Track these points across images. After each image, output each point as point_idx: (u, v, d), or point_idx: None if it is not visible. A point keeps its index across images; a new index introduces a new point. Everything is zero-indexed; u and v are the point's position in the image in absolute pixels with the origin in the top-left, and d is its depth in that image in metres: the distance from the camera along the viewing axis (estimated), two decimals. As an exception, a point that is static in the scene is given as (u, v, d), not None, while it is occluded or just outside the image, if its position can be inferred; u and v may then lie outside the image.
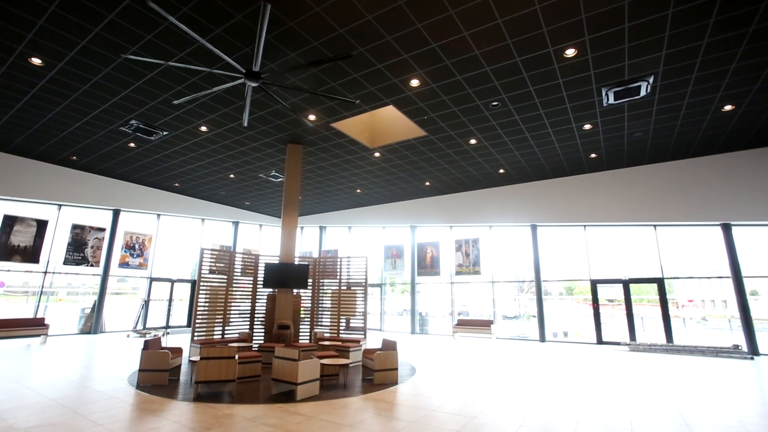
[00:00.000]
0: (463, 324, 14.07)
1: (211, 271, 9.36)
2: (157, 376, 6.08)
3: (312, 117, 8.83)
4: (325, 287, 10.74)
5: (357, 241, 17.90)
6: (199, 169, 12.50)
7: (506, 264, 14.88)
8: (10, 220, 11.35)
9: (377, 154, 11.01)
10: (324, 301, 10.60)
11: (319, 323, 10.31)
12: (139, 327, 13.66)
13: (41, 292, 12.02)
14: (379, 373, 6.50)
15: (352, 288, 10.46)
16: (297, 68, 6.17)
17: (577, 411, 5.06)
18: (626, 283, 12.14)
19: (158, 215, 15.00)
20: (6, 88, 7.83)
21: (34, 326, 10.61)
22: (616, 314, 12.73)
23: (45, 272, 12.08)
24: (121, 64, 6.92)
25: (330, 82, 7.35)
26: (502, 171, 12.35)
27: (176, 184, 14.18)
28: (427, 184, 13.77)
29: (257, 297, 9.75)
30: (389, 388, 6.21)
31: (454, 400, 5.58)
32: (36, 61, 6.91)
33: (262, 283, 9.44)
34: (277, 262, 9.62)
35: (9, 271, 11.51)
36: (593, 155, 10.97)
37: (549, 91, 7.53)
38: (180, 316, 15.51)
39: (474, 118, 8.71)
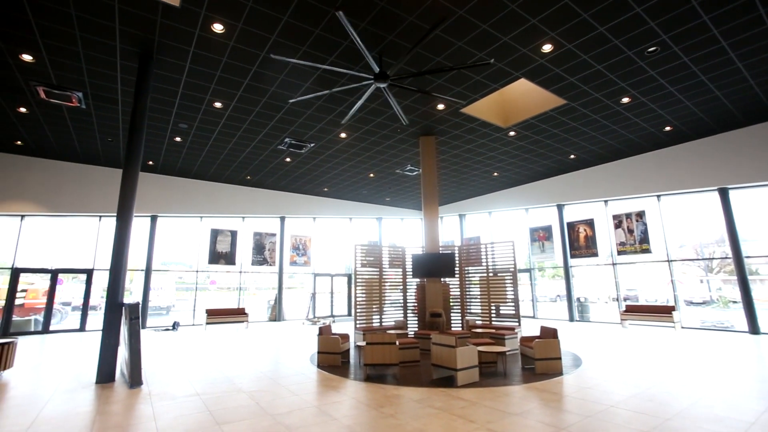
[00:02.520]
0: (635, 310, 12.25)
1: (363, 265, 10.24)
2: (332, 358, 6.97)
3: (441, 106, 8.83)
4: (470, 274, 10.67)
5: (499, 226, 17.26)
6: (343, 173, 13.78)
7: (685, 239, 12.39)
8: (215, 233, 14.51)
9: (512, 133, 10.39)
10: (471, 289, 10.54)
11: (468, 311, 10.30)
12: (310, 316, 15.87)
13: (239, 288, 15.04)
14: (540, 362, 6.16)
15: (499, 274, 10.13)
16: (421, 61, 6.25)
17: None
18: None
19: (314, 218, 17.12)
20: (201, 130, 9.96)
21: (239, 314, 13.43)
22: None
23: (240, 272, 15.06)
24: (273, 93, 8.09)
25: (455, 67, 7.23)
26: (668, 128, 10.28)
27: (325, 189, 15.94)
28: (572, 157, 12.39)
29: (407, 287, 10.27)
30: (553, 379, 5.82)
31: (637, 396, 4.91)
32: (217, 105, 8.61)
33: (410, 273, 9.90)
34: (422, 252, 9.96)
35: (216, 272, 14.70)
36: (814, 86, 8.24)
37: (737, 13, 5.92)
38: (340, 306, 17.44)
39: (625, 72, 7.46)
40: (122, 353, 6.16)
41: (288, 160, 12.32)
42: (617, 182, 12.85)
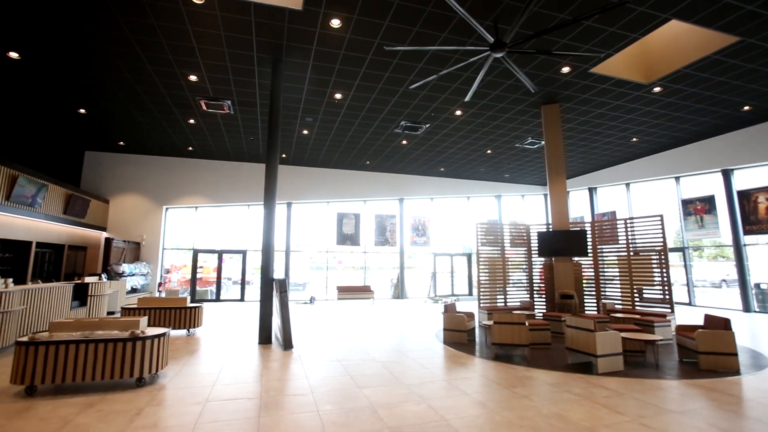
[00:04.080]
0: None
1: (483, 244, 9.99)
2: (458, 335, 7.05)
3: (566, 69, 7.94)
4: (604, 253, 9.58)
5: (639, 199, 15.01)
6: (459, 152, 13.52)
7: None
8: (341, 216, 15.79)
9: (657, 90, 8.82)
10: (606, 269, 9.47)
11: (603, 293, 9.29)
12: (431, 295, 16.23)
13: (364, 267, 16.16)
14: (706, 357, 5.25)
15: (642, 254, 8.87)
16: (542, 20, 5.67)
17: None
18: None
19: (431, 198, 17.26)
20: (324, 121, 10.79)
21: (365, 291, 14.49)
22: None
23: (364, 252, 16.14)
24: (388, 78, 8.27)
25: (583, 22, 6.38)
26: None
27: (442, 169, 15.89)
28: (746, 109, 9.96)
29: (532, 266, 9.73)
30: (726, 378, 4.91)
31: None
32: (338, 96, 9.20)
33: (536, 252, 9.34)
34: (548, 230, 9.28)
35: (342, 252, 16.01)
36: None
37: None
38: (461, 285, 17.41)
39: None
40: (275, 321, 7.20)
41: (404, 142, 12.59)
42: (817, 135, 9.95)
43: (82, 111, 10.06)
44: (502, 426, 3.45)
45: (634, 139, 12.23)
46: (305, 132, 11.67)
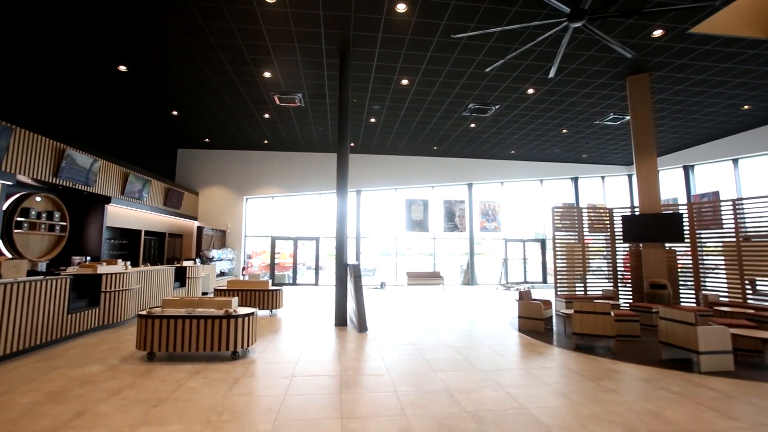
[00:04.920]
0: None
1: (559, 229, 9.42)
2: (534, 323, 6.79)
3: (658, 32, 7.07)
4: (704, 239, 8.53)
5: (750, 177, 13.05)
6: (531, 132, 12.80)
7: None
8: (409, 203, 15.88)
9: (779, 44, 7.51)
10: (707, 257, 8.44)
11: (704, 284, 8.31)
12: (503, 281, 15.75)
13: (433, 253, 16.14)
14: (840, 357, 4.50)
15: (755, 240, 7.75)
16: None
17: None
18: None
19: (501, 183, 16.62)
20: (391, 108, 10.82)
21: (435, 277, 14.50)
22: None
23: (433, 238, 16.09)
24: (455, 60, 8.02)
25: (686, -26, 5.60)
26: None
27: (512, 152, 15.19)
28: None
29: (615, 253, 8.99)
30: None
31: None
32: (404, 81, 9.14)
33: (619, 238, 8.60)
34: (634, 213, 8.49)
35: (409, 239, 16.11)
36: None
37: None
38: (534, 272, 16.67)
39: None
40: (350, 304, 7.50)
41: (472, 126, 12.21)
42: None
43: (175, 113, 11.17)
44: (589, 419, 3.28)
45: (746, 107, 10.60)
46: (372, 120, 11.81)
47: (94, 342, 5.84)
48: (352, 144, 14.35)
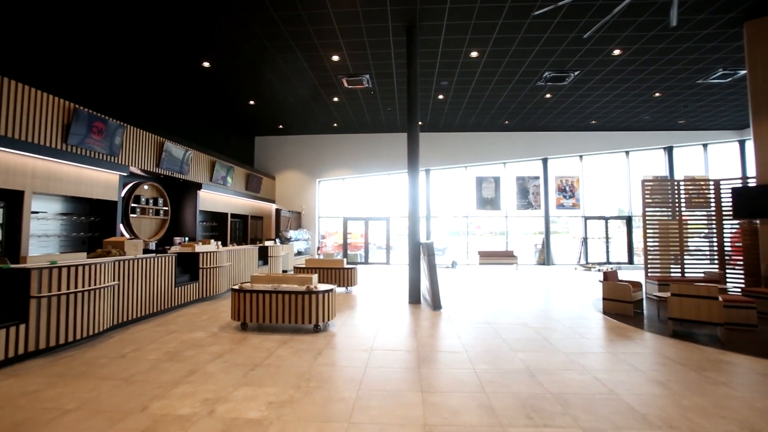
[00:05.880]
0: None
1: (649, 205, 8.51)
2: (621, 306, 6.30)
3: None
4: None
5: None
6: (616, 99, 11.60)
7: None
8: (480, 180, 15.43)
9: None
10: None
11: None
12: (582, 261, 14.78)
13: (505, 232, 15.59)
14: None
15: None
16: None
17: None
18: None
19: (580, 156, 15.39)
20: (459, 84, 10.44)
21: (508, 257, 14.06)
22: None
23: (506, 216, 15.52)
24: (529, 25, 7.44)
25: None
26: None
27: (593, 122, 13.94)
28: None
29: (722, 230, 7.94)
30: None
31: None
32: (473, 54, 8.73)
33: (726, 214, 7.56)
34: (748, 185, 7.38)
35: (479, 217, 15.68)
36: None
37: None
38: (617, 252, 15.39)
39: None
40: (423, 282, 7.57)
41: (548, 96, 11.37)
42: None
43: (252, 102, 11.88)
44: (694, 412, 2.99)
45: None
46: (440, 97, 11.52)
47: (196, 312, 6.59)
48: (420, 123, 14.16)
